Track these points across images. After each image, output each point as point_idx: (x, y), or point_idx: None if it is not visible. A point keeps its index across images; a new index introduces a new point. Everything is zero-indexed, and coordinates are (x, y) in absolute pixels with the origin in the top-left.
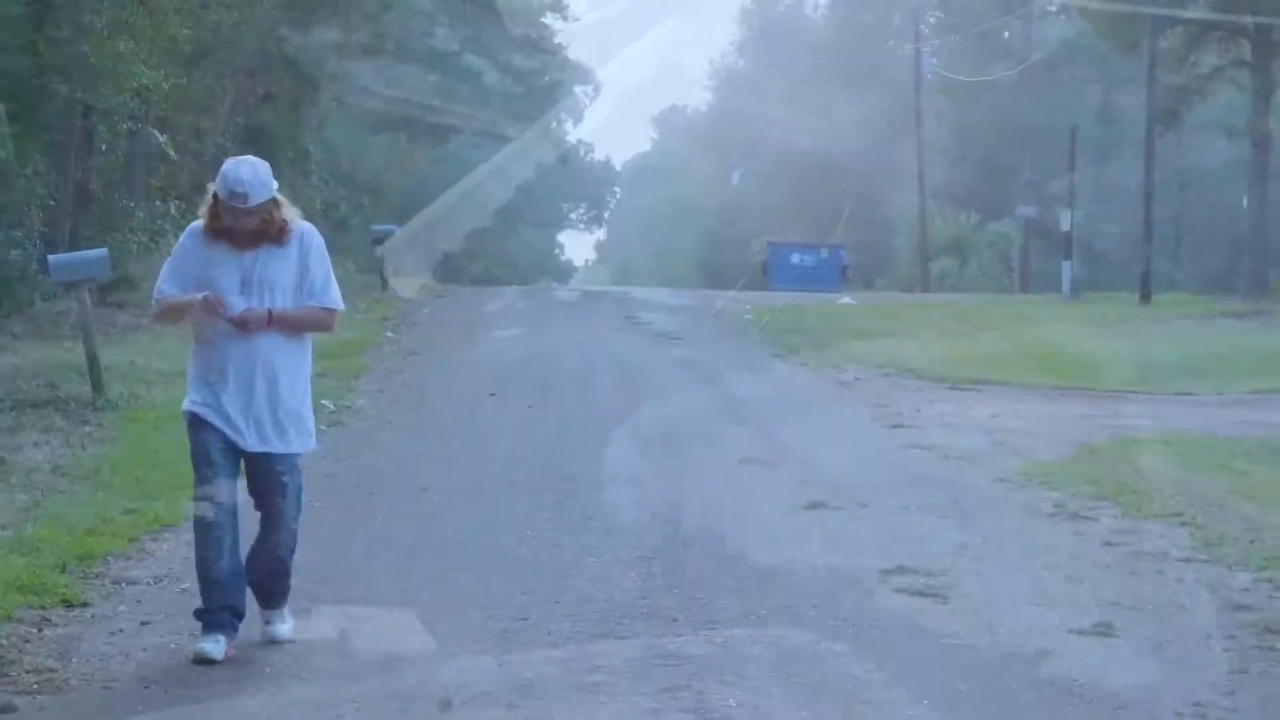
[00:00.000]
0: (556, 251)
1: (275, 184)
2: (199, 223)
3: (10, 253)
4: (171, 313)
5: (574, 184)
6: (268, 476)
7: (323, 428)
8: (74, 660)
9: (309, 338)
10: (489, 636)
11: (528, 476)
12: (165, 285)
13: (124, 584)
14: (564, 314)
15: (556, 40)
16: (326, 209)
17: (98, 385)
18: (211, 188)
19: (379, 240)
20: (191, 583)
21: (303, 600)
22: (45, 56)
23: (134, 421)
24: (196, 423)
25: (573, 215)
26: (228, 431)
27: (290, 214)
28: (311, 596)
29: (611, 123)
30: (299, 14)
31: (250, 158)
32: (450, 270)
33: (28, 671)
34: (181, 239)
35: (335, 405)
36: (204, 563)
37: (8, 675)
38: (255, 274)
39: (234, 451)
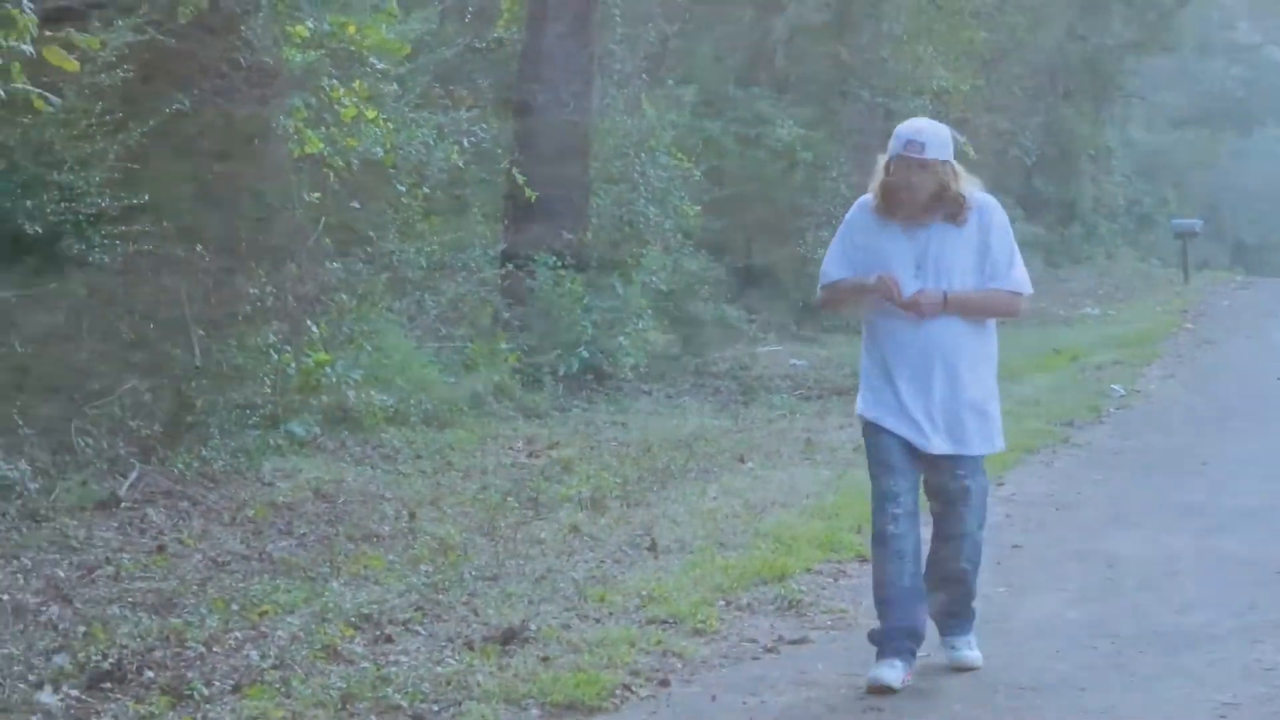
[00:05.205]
0: None
1: (952, 149)
2: (867, 196)
3: (818, 252)
4: (842, 298)
5: None
6: (948, 480)
7: (1111, 410)
8: (863, 604)
9: (992, 324)
10: (1240, 590)
11: None
12: (832, 268)
13: None
14: None
15: None
16: (1129, 205)
17: None
18: (882, 158)
19: (1182, 235)
20: None
21: (1072, 550)
22: (846, 62)
23: None
24: (873, 428)
25: None
26: (908, 434)
27: (968, 187)
28: (1076, 545)
29: None
30: (1096, 14)
31: (926, 119)
32: (1256, 263)
33: (823, 612)
34: (849, 216)
35: (1125, 390)
36: (882, 581)
37: (806, 615)
38: (930, 253)
39: (915, 456)
